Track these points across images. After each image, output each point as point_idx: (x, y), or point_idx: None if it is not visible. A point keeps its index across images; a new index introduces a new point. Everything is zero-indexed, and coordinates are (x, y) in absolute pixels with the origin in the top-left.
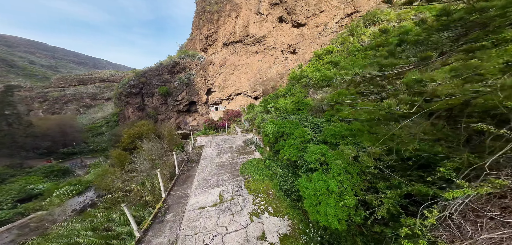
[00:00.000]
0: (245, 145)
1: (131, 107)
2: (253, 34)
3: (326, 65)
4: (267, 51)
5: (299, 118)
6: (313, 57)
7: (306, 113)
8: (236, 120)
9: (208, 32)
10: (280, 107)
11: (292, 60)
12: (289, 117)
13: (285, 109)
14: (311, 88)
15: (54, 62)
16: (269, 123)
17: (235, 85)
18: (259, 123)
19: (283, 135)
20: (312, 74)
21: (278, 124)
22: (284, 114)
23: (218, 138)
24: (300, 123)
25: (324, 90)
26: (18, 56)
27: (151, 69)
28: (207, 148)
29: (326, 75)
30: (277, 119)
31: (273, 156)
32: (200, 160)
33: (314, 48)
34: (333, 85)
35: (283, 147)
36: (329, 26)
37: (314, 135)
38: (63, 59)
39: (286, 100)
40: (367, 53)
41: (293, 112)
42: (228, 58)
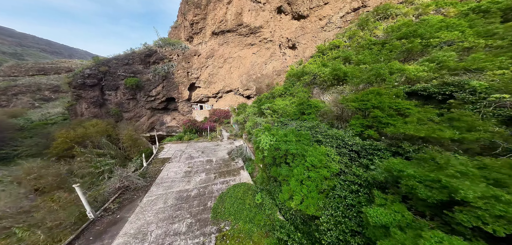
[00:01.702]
0: (230, 157)
1: (85, 102)
2: (248, 24)
3: (335, 60)
4: (263, 44)
5: (306, 127)
6: (316, 52)
7: (315, 118)
8: (224, 122)
9: (194, 18)
10: (277, 110)
11: (291, 56)
12: (291, 123)
13: (284, 112)
14: (315, 87)
15: (21, 49)
16: (264, 131)
17: (225, 81)
18: (250, 128)
19: (286, 155)
20: (318, 70)
21: (277, 135)
22: (283, 118)
23: (195, 146)
24: (311, 134)
25: (337, 89)
26: None
27: (118, 57)
28: (173, 162)
29: (340, 71)
30: (274, 125)
31: (268, 183)
32: (151, 187)
33: (317, 43)
34: (353, 83)
35: (287, 180)
36: (333, 21)
37: (347, 165)
38: (32, 47)
39: (285, 100)
40: (393, 44)
41: (295, 117)
42: (217, 49)
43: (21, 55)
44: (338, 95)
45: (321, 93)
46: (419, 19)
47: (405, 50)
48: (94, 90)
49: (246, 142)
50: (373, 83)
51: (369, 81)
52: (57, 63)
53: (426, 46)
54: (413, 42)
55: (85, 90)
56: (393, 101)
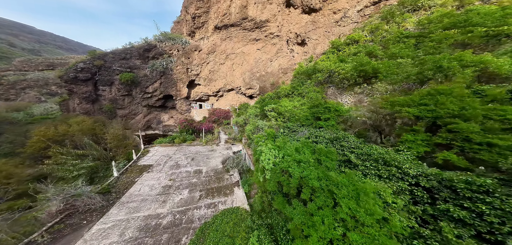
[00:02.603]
0: (224, 168)
1: (77, 97)
2: (253, 17)
3: (356, 55)
4: (268, 39)
5: (325, 138)
6: (329, 48)
7: (336, 126)
8: (223, 123)
9: (196, 11)
10: (284, 112)
11: (299, 53)
12: (302, 131)
13: (292, 115)
14: (331, 87)
15: (39, 46)
16: (266, 140)
17: (226, 78)
18: (250, 132)
19: (301, 186)
20: (335, 66)
21: (285, 149)
22: (291, 124)
23: (186, 151)
24: (338, 151)
25: (362, 89)
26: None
27: (116, 52)
28: (153, 171)
29: (368, 66)
30: (280, 131)
31: (270, 214)
32: (111, 208)
33: (330, 38)
34: (392, 81)
35: (303, 230)
36: (349, 15)
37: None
38: (49, 44)
39: (293, 101)
40: (444, 35)
41: (307, 122)
42: (219, 45)
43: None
44: (363, 96)
45: (339, 93)
46: (462, 10)
47: (459, 43)
48: (87, 85)
49: (245, 147)
50: (426, 82)
51: (421, 78)
52: (66, 59)
53: (492, 37)
54: (474, 32)
55: (77, 85)
56: (492, 108)
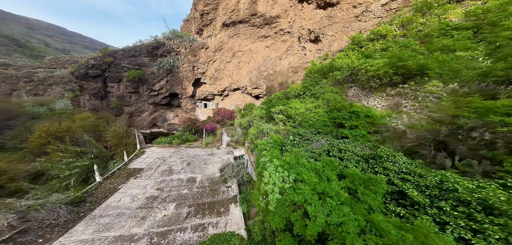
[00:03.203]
0: (221, 177)
1: (87, 94)
2: (263, 13)
3: (388, 50)
4: (278, 36)
5: (357, 155)
6: (348, 45)
7: (367, 136)
8: (227, 124)
9: (204, 8)
10: (294, 115)
11: (312, 50)
12: (317, 140)
13: (304, 119)
14: (353, 87)
15: (69, 46)
16: (271, 153)
17: (232, 77)
18: (254, 136)
19: (327, 234)
20: (360, 63)
21: (299, 170)
22: (304, 129)
23: (184, 153)
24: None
25: (401, 90)
26: (36, 38)
27: (126, 49)
28: (142, 177)
29: (412, 61)
30: (289, 140)
31: None
32: (78, 223)
33: (349, 34)
34: (447, 80)
35: None
36: (371, 9)
37: None
38: (78, 44)
39: (305, 103)
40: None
41: (324, 129)
42: (226, 42)
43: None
44: (401, 99)
45: (364, 95)
46: None
47: None
48: (97, 81)
49: (248, 152)
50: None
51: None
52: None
53: None
54: None
55: (88, 81)
56: None
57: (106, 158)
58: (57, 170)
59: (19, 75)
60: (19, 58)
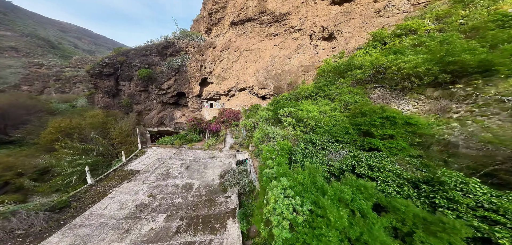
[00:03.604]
0: (220, 185)
1: (101, 91)
2: (272, 11)
3: (422, 47)
4: (288, 33)
5: (397, 177)
6: (369, 41)
7: (408, 149)
8: (232, 124)
9: (213, 7)
10: (306, 118)
11: (325, 48)
12: (337, 151)
13: (319, 124)
14: (379, 88)
15: (94, 47)
16: (279, 168)
17: (239, 77)
18: (258, 141)
19: None
20: (387, 60)
21: (317, 198)
22: (318, 136)
23: (185, 155)
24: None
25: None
26: (67, 40)
27: (138, 48)
28: (136, 181)
29: (470, 55)
30: (299, 148)
31: None
32: (53, 234)
33: (368, 31)
34: None
35: None
36: (395, 3)
37: None
38: (102, 46)
39: (318, 105)
40: None
41: (346, 137)
42: (233, 41)
43: (93, 52)
44: (451, 103)
45: (394, 97)
46: None
47: None
48: (110, 80)
49: (252, 156)
50: None
51: None
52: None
53: None
54: None
55: (101, 79)
56: None
57: (111, 156)
58: (61, 167)
59: (49, 74)
60: (52, 58)
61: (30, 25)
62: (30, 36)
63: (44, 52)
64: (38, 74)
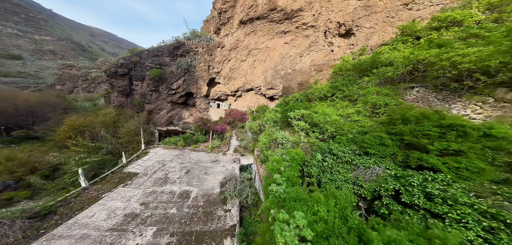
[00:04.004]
0: (221, 195)
1: (116, 91)
2: (283, 7)
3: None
4: (300, 31)
5: (479, 216)
6: (396, 36)
7: (485, 173)
8: (238, 126)
9: (222, 6)
10: (322, 123)
11: (342, 45)
12: (368, 165)
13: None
14: (417, 87)
15: (118, 50)
16: (293, 207)
17: (246, 77)
18: (265, 146)
19: None
20: (430, 54)
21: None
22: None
23: (187, 157)
24: None
25: None
26: (95, 43)
27: (150, 49)
28: (132, 185)
29: None
30: (314, 156)
31: None
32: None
33: (395, 25)
34: None
35: None
36: None
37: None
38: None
39: (337, 107)
40: None
41: (378, 150)
42: (242, 40)
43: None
44: None
45: (441, 99)
46: None
47: None
48: (124, 79)
49: (257, 162)
50: None
51: None
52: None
53: None
54: None
55: (116, 79)
56: None
57: (119, 154)
58: (70, 166)
59: (78, 75)
60: (82, 60)
61: (65, 30)
62: (65, 40)
63: (76, 55)
64: (70, 75)
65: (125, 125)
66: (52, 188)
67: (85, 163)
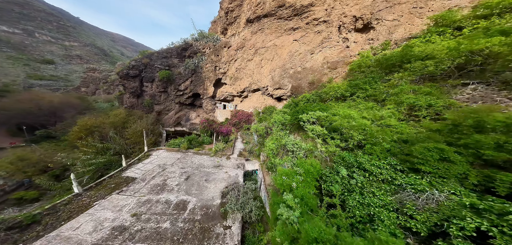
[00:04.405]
0: (221, 207)
1: (127, 92)
2: (292, 3)
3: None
4: (311, 27)
5: None
6: (428, 28)
7: None
8: (243, 127)
9: (229, 6)
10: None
11: (359, 41)
12: (421, 189)
13: (370, 138)
14: (473, 84)
15: (135, 55)
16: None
17: (252, 76)
18: (272, 153)
19: None
20: (497, 42)
21: None
22: (371, 157)
23: (189, 162)
24: None
25: None
26: (116, 48)
27: (160, 51)
28: (126, 194)
29: None
30: (337, 170)
31: None
32: None
33: (424, 16)
34: None
35: None
36: None
37: None
38: None
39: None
40: None
41: (441, 166)
42: (248, 39)
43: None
44: None
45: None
46: None
47: None
48: (135, 81)
49: (262, 169)
50: None
51: None
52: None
53: None
54: None
55: (128, 81)
56: None
57: (126, 155)
58: (76, 167)
59: (100, 77)
60: (103, 64)
61: (90, 36)
62: (90, 45)
63: (99, 59)
64: (92, 77)
65: (132, 125)
66: (58, 189)
67: (91, 164)
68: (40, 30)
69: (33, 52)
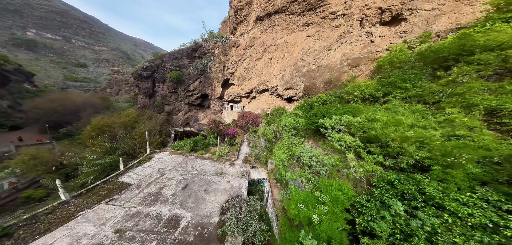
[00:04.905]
0: (219, 228)
1: (141, 92)
2: None
3: None
4: (327, 21)
5: None
6: (486, 15)
7: None
8: (250, 129)
9: (238, 4)
10: (397, 143)
11: (386, 34)
12: None
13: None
14: None
15: None
16: None
17: (261, 76)
18: (281, 163)
19: None
20: None
21: None
22: (446, 187)
23: (188, 167)
24: None
25: None
26: (138, 52)
27: (171, 52)
28: (114, 204)
29: None
30: (383, 202)
31: None
32: None
33: (474, 4)
34: None
35: None
36: None
37: None
38: None
39: (404, 113)
40: None
41: None
42: (258, 37)
43: None
44: None
45: None
46: None
47: None
48: (148, 81)
49: (270, 179)
50: None
51: None
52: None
53: None
54: None
55: (141, 81)
56: None
57: (134, 155)
58: (83, 167)
59: (123, 79)
60: (126, 67)
61: (116, 41)
62: (116, 50)
63: (123, 62)
64: (116, 79)
65: (140, 126)
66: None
67: (96, 164)
68: (76, 36)
69: (70, 56)
